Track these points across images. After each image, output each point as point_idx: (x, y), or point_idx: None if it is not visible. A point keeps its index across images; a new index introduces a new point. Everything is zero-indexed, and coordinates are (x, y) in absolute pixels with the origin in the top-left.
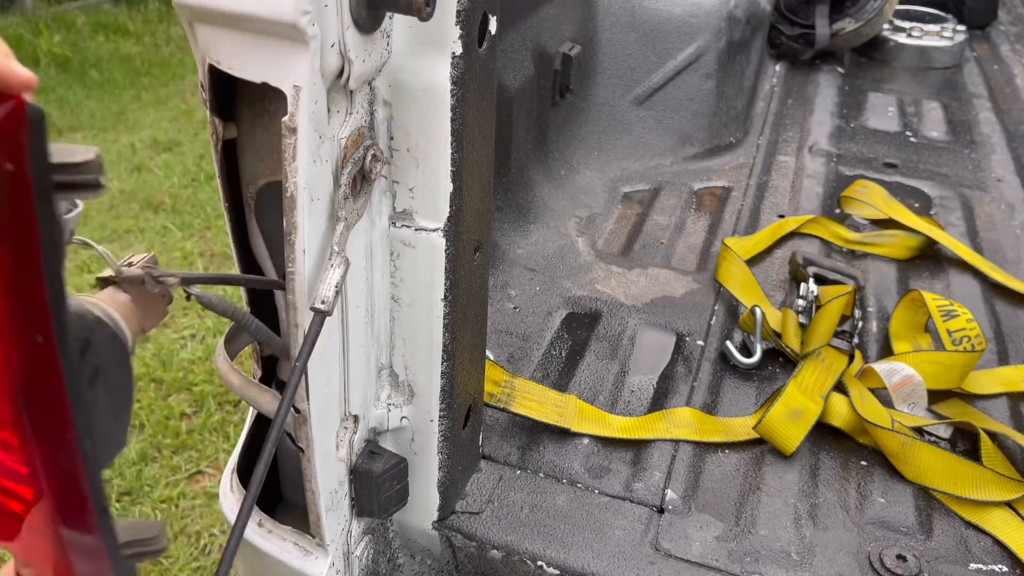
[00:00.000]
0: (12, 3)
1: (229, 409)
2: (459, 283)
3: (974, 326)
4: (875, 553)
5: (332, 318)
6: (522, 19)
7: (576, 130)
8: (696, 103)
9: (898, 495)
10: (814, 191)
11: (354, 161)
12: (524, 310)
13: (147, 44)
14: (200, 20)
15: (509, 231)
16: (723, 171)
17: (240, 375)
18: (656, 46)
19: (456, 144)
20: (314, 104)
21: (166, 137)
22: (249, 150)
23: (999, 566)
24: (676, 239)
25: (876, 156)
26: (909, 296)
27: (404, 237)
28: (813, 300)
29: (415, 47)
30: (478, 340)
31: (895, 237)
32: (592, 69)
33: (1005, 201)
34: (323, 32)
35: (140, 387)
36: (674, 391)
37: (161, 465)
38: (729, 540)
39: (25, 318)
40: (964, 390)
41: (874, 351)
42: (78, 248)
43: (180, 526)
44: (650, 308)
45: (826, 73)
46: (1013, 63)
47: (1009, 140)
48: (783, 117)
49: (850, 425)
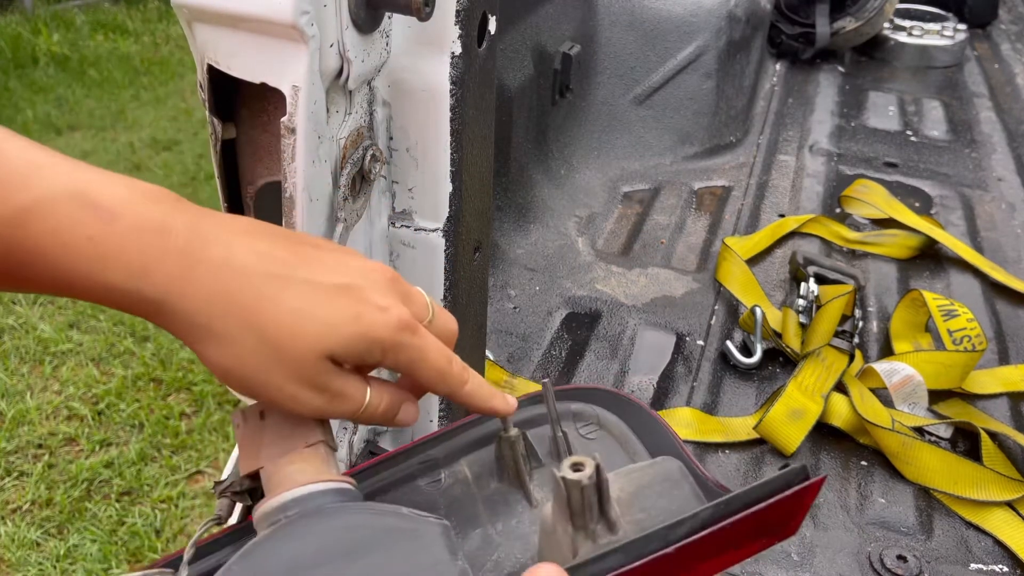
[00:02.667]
0: (11, 2)
1: (229, 409)
2: (459, 283)
3: (975, 326)
4: (875, 553)
5: None
6: (522, 19)
7: (576, 130)
8: (696, 102)
9: (898, 495)
10: (814, 190)
11: (353, 161)
12: (524, 310)
13: (146, 43)
14: (198, 20)
15: (509, 231)
16: (723, 170)
17: None
18: (656, 45)
19: (456, 144)
20: (313, 104)
21: (165, 136)
22: (248, 150)
23: (1000, 566)
24: (676, 239)
25: (876, 155)
26: (909, 296)
27: (403, 237)
28: (813, 300)
29: (414, 47)
30: (478, 340)
31: (895, 236)
32: (592, 68)
33: (1006, 200)
34: (322, 32)
35: (139, 387)
36: (674, 391)
37: (161, 465)
38: None
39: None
40: (965, 390)
41: (874, 351)
42: None
43: (180, 526)
44: (650, 308)
45: (826, 72)
46: (1014, 62)
47: (1010, 139)
48: (783, 116)
49: (850, 425)
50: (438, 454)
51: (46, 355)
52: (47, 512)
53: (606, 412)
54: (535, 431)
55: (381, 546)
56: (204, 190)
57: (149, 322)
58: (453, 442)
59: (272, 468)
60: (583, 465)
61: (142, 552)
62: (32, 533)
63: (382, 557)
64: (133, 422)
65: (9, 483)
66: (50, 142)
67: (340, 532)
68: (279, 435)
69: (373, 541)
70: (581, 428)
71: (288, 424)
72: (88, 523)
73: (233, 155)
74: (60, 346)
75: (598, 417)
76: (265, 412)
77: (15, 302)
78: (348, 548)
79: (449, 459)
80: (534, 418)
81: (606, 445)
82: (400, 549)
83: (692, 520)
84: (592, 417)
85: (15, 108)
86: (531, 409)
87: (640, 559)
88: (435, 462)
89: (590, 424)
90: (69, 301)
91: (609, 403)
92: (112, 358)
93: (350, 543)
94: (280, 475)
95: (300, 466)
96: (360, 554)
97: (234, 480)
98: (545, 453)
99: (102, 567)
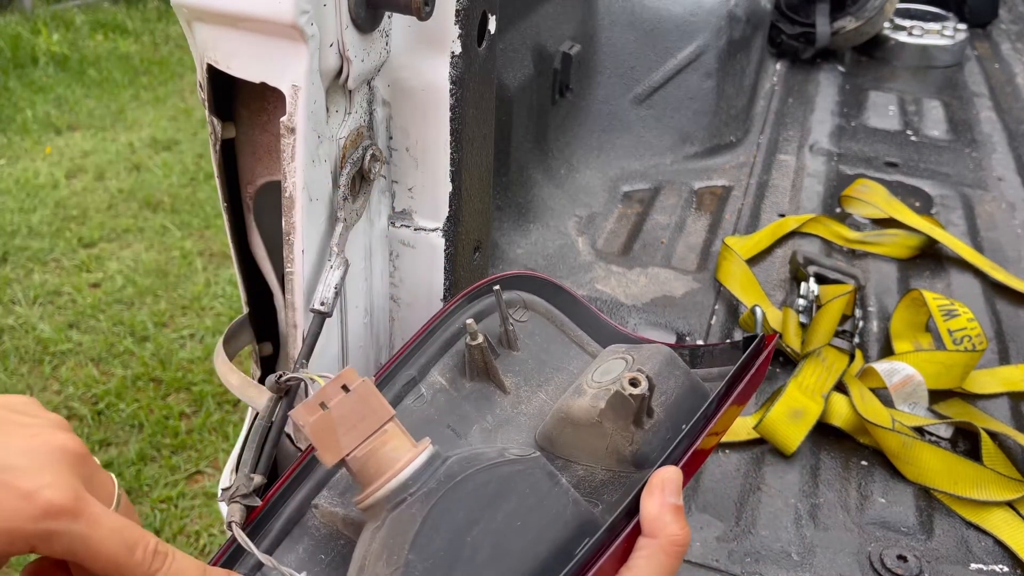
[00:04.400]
0: (11, 2)
1: (228, 409)
2: (459, 283)
3: (975, 325)
4: (875, 553)
5: (331, 318)
6: (522, 18)
7: (576, 129)
8: (696, 102)
9: (899, 495)
10: (815, 190)
11: (353, 161)
12: None
13: (146, 43)
14: (198, 19)
15: (509, 231)
16: (723, 170)
17: (239, 375)
18: (656, 45)
19: (455, 144)
20: (313, 104)
21: (165, 136)
22: (248, 150)
23: (1000, 566)
24: (676, 238)
25: (877, 155)
26: (910, 295)
27: (403, 237)
28: (814, 300)
29: (414, 47)
30: None
31: (896, 236)
32: (592, 68)
33: (1006, 200)
34: (322, 32)
35: (139, 387)
36: None
37: (160, 465)
38: (729, 540)
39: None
40: (965, 390)
41: (875, 351)
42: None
43: (179, 526)
44: (650, 308)
45: (827, 72)
46: (1014, 62)
47: (1010, 139)
48: (784, 116)
49: (851, 425)
50: (411, 372)
51: (46, 355)
52: None
53: (529, 295)
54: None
55: (510, 492)
56: (203, 190)
57: (149, 321)
58: (418, 357)
59: (364, 453)
60: (638, 380)
61: None
62: None
63: (515, 500)
64: (133, 422)
65: None
66: (50, 142)
67: (476, 493)
68: (352, 420)
69: (502, 490)
70: (515, 313)
71: (356, 405)
72: None
73: (233, 155)
74: (59, 346)
75: (523, 301)
76: (326, 401)
77: (15, 302)
78: (487, 503)
79: (422, 373)
80: (477, 313)
81: (539, 323)
82: (521, 488)
83: (715, 399)
84: (519, 302)
85: (15, 108)
86: (472, 306)
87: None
88: (412, 380)
89: (519, 308)
90: (69, 300)
91: (526, 284)
92: (111, 358)
93: (486, 499)
94: (378, 457)
95: (393, 444)
96: (499, 504)
97: (240, 484)
98: (496, 343)
99: None
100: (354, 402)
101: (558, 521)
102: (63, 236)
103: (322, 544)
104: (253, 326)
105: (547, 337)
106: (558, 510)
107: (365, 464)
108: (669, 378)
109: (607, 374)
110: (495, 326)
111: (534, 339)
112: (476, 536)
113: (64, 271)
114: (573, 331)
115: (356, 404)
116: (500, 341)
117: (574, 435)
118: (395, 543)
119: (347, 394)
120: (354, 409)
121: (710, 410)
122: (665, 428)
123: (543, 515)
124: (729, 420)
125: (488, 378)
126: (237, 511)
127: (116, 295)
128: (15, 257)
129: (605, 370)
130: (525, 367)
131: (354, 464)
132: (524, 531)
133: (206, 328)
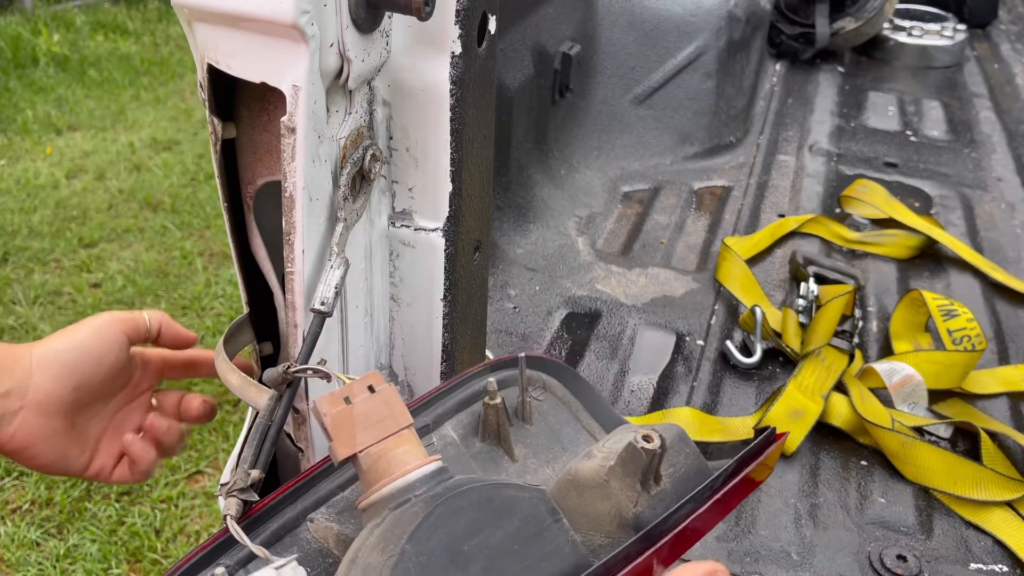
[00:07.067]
0: (11, 2)
1: (228, 409)
2: (459, 283)
3: (974, 326)
4: (875, 553)
5: (331, 318)
6: (522, 18)
7: (576, 129)
8: (696, 102)
9: (898, 495)
10: (814, 190)
11: (353, 161)
12: (524, 310)
13: (146, 43)
14: (199, 19)
15: (509, 231)
16: (723, 170)
17: (239, 375)
18: (656, 45)
19: (455, 144)
20: (313, 104)
21: (165, 136)
22: (248, 150)
23: (999, 566)
24: (676, 239)
25: (876, 155)
26: (909, 296)
27: (403, 237)
28: (813, 300)
29: (414, 47)
30: (478, 340)
31: (895, 236)
32: (592, 68)
33: (1005, 200)
34: (322, 32)
35: None
36: (674, 391)
37: (160, 465)
38: (729, 540)
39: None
40: (964, 390)
41: (874, 351)
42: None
43: (179, 526)
44: (650, 308)
45: (826, 72)
46: (1013, 62)
47: (1009, 139)
48: (783, 116)
49: (850, 425)
50: (426, 420)
51: None
52: (47, 512)
53: (549, 377)
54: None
55: (512, 515)
56: (204, 190)
57: None
58: (435, 408)
59: (377, 451)
60: (651, 438)
61: (142, 552)
62: (32, 533)
63: (516, 524)
64: None
65: (9, 483)
66: (50, 142)
67: (480, 507)
68: (372, 419)
69: (505, 511)
70: (533, 391)
71: (378, 406)
72: (88, 523)
73: (233, 155)
74: None
75: (543, 381)
76: (351, 396)
77: (15, 302)
78: (488, 519)
79: (436, 424)
80: (498, 381)
81: (554, 405)
82: (524, 515)
83: (723, 473)
84: (539, 382)
85: (15, 108)
86: (495, 374)
87: (704, 502)
88: (426, 427)
89: (538, 388)
90: (69, 301)
91: (547, 368)
92: None
93: (489, 514)
94: (389, 458)
95: (406, 448)
96: (499, 523)
97: (238, 479)
98: (512, 413)
99: (102, 567)
100: (378, 403)
101: (555, 556)
102: (63, 236)
103: (310, 558)
104: (253, 326)
105: (561, 420)
106: (556, 545)
107: (376, 462)
108: (679, 453)
109: (619, 443)
110: (513, 397)
111: (547, 419)
112: (473, 547)
113: (64, 271)
114: (587, 420)
115: (379, 405)
116: (516, 412)
117: (578, 499)
118: (393, 535)
119: (372, 394)
120: (376, 409)
121: (717, 482)
122: (670, 499)
123: (541, 546)
124: (720, 514)
125: (499, 442)
126: (234, 505)
127: (116, 295)
128: (15, 257)
129: (616, 440)
130: (536, 441)
131: (366, 460)
132: (519, 556)
133: (206, 328)
